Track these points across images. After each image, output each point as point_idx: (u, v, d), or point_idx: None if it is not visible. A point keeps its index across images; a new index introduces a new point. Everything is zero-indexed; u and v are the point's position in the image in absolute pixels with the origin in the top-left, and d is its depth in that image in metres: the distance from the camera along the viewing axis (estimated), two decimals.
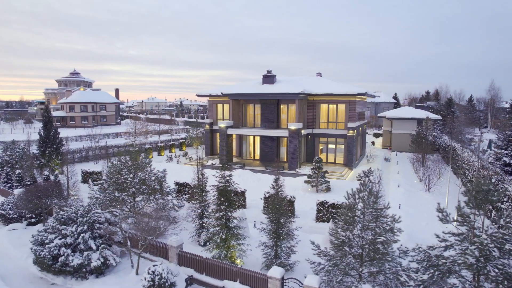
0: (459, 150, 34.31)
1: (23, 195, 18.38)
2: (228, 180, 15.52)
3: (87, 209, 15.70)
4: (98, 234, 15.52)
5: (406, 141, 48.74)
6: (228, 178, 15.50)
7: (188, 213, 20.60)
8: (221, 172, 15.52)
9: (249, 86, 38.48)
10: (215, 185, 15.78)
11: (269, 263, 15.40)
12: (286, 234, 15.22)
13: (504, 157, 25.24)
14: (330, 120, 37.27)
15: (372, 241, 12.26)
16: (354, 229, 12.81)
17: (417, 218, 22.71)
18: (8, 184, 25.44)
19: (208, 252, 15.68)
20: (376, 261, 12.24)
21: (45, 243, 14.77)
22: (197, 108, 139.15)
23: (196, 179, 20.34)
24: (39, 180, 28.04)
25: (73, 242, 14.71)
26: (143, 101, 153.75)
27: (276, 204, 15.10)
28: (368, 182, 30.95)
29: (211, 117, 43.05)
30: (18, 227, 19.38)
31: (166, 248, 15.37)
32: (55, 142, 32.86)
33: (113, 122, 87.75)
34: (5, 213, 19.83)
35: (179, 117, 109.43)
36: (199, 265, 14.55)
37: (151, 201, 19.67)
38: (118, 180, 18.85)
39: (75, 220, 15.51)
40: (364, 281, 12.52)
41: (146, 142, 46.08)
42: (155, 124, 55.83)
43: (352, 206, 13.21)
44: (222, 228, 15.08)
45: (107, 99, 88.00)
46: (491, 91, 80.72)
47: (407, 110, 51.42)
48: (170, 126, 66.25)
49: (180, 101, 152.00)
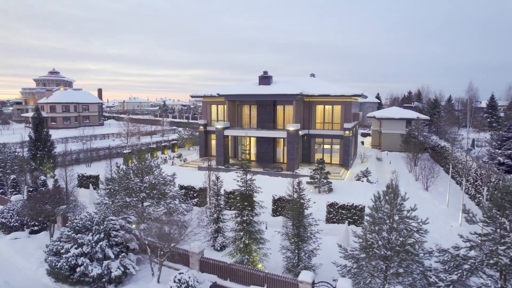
0: (450, 150, 35.42)
1: (28, 202, 17.54)
2: (250, 184, 15.36)
3: (102, 217, 15.15)
4: (115, 242, 15.02)
5: (396, 140, 49.89)
6: (249, 182, 15.34)
7: (199, 217, 20.31)
8: (242, 176, 15.34)
9: (246, 87, 38.31)
10: (237, 189, 15.56)
11: (290, 267, 15.37)
12: (308, 237, 15.21)
13: (499, 157, 26.20)
14: (326, 121, 37.61)
15: (403, 242, 12.43)
16: (383, 231, 12.94)
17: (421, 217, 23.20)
18: (0, 190, 24.23)
19: (230, 257, 15.49)
20: (406, 262, 12.41)
21: (60, 253, 14.15)
22: (180, 108, 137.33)
23: (207, 182, 20.07)
24: None
25: (90, 251, 14.16)
26: (125, 101, 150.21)
27: (299, 207, 15.04)
28: (367, 181, 31.51)
29: (205, 118, 42.57)
30: (21, 236, 18.49)
31: (187, 255, 15.06)
32: (46, 144, 31.59)
33: (97, 123, 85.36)
34: (6, 221, 18.87)
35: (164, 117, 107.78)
36: (222, 271, 14.33)
37: (160, 206, 19.23)
38: (128, 184, 18.31)
39: (90, 228, 14.95)
40: (394, 283, 12.66)
41: (138, 144, 45.03)
42: (140, 124, 54.52)
43: (379, 208, 13.35)
44: (245, 233, 14.92)
45: (90, 99, 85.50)
46: (469, 91, 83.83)
47: (396, 111, 52.61)
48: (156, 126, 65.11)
49: (163, 101, 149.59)
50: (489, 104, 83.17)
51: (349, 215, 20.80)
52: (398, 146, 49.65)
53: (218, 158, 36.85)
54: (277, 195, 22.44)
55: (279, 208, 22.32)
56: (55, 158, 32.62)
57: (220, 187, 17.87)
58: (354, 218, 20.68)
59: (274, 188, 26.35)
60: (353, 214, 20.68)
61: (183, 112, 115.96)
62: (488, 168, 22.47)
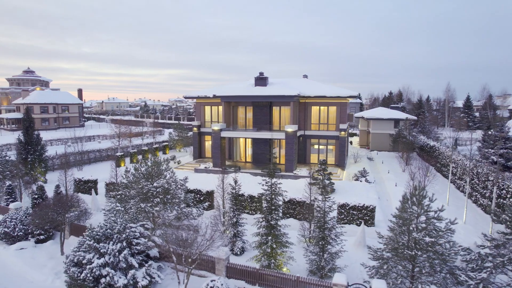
0: (441, 149, 36.67)
1: (39, 210, 16.67)
2: (276, 188, 15.28)
3: (123, 224, 14.62)
4: (137, 251, 14.54)
5: (384, 140, 51.14)
6: (275, 186, 15.25)
7: (213, 221, 19.98)
8: (268, 180, 15.24)
9: (242, 88, 38.10)
10: (262, 193, 15.44)
11: (314, 269, 15.40)
12: (333, 239, 15.29)
13: (492, 156, 27.33)
14: (321, 121, 38.01)
15: (432, 242, 12.71)
16: (413, 232, 13.18)
17: None
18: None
19: (255, 262, 15.34)
20: (438, 261, 12.70)
21: (82, 263, 13.53)
22: (162, 109, 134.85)
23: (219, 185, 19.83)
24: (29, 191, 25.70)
25: (114, 261, 13.63)
26: (103, 101, 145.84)
27: (326, 210, 15.09)
28: (366, 181, 32.09)
29: (199, 119, 42.03)
30: (27, 246, 17.55)
31: (212, 261, 14.78)
32: (37, 148, 30.20)
33: (77, 124, 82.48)
34: (10, 231, 17.86)
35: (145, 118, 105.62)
36: (250, 276, 14.17)
37: (174, 211, 18.79)
38: (142, 190, 17.76)
39: (109, 237, 14.39)
40: (424, 282, 12.93)
41: (130, 146, 43.86)
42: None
43: (406, 209, 13.59)
44: (272, 237, 14.82)
45: (70, 100, 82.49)
46: (447, 92, 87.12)
47: (384, 111, 53.90)
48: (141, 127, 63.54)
49: (144, 101, 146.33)
50: (465, 104, 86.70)
51: (360, 215, 21.10)
52: (386, 146, 50.93)
53: (214, 160, 36.45)
54: (287, 197, 22.43)
55: (290, 210, 22.34)
56: (46, 162, 31.23)
57: (239, 190, 17.66)
58: (365, 218, 21.00)
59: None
60: (364, 214, 21.00)
61: (166, 113, 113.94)
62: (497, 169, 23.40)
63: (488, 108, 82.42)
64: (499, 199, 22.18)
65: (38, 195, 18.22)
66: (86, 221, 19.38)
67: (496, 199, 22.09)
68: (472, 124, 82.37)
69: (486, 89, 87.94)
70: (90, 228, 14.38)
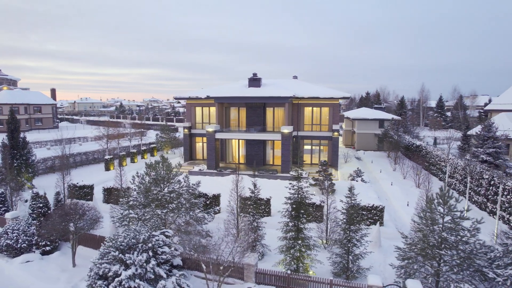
0: (429, 148, 38.07)
1: (45, 220, 15.62)
2: (302, 191, 15.19)
3: (148, 233, 14.00)
4: (163, 260, 13.98)
5: (370, 140, 52.42)
6: (302, 189, 15.16)
7: (226, 227, 19.59)
8: (295, 184, 15.12)
9: (236, 89, 37.72)
10: (288, 197, 15.31)
11: (339, 271, 15.46)
12: (358, 240, 15.42)
13: (482, 155, 28.66)
14: (314, 122, 38.36)
15: (463, 241, 13.09)
16: (442, 231, 13.51)
17: None
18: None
19: (281, 266, 15.19)
20: (468, 260, 13.09)
21: (108, 276, 12.81)
22: (138, 109, 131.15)
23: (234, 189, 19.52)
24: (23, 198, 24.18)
25: (142, 272, 13.01)
26: (75, 102, 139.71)
27: (355, 213, 15.19)
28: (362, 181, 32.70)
29: (189, 121, 41.20)
30: (33, 258, 16.42)
31: (241, 267, 14.46)
32: (23, 152, 28.42)
33: (51, 125, 78.56)
34: (13, 243, 16.64)
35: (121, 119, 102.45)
36: (281, 281, 14.00)
37: (187, 216, 18.25)
38: (157, 195, 17.11)
39: (133, 247, 13.73)
40: (454, 280, 13.29)
41: (118, 148, 42.24)
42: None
43: (433, 210, 13.93)
44: (302, 241, 14.73)
45: (42, 100, 78.41)
46: (422, 92, 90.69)
47: (369, 111, 55.24)
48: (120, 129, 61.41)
49: (120, 102, 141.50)
50: (438, 104, 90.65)
51: (369, 215, 21.44)
52: (372, 145, 52.24)
53: (209, 162, 35.87)
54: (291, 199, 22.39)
55: None
56: (33, 167, 29.46)
57: (258, 194, 17.43)
58: (375, 218, 21.37)
59: (278, 191, 26.09)
60: (374, 214, 21.36)
61: (143, 113, 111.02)
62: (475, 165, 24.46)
63: (459, 108, 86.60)
64: (495, 196, 23.27)
65: (43, 204, 17.07)
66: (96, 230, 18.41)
67: (490, 197, 23.19)
68: (444, 124, 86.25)
69: (457, 90, 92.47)
70: (113, 237, 13.65)
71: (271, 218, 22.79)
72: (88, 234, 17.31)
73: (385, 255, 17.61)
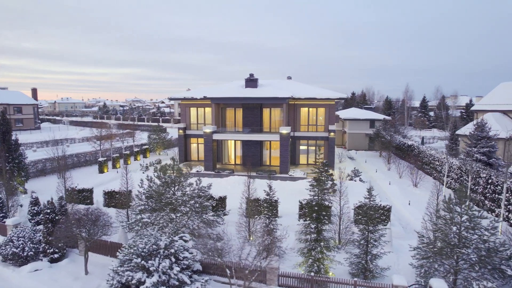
0: (422, 148, 38.99)
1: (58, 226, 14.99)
2: (322, 194, 15.20)
3: (170, 239, 13.66)
4: (185, 266, 13.67)
5: (361, 140, 53.22)
6: (323, 192, 15.18)
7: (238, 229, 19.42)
8: (316, 186, 15.11)
9: (232, 89, 37.47)
10: (307, 199, 15.27)
11: (357, 272, 15.57)
12: (376, 240, 15.56)
13: (475, 154, 29.56)
14: (311, 123, 38.57)
15: (483, 240, 13.42)
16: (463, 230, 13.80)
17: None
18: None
19: (300, 268, 15.16)
20: (488, 258, 13.42)
21: (131, 284, 12.41)
22: (122, 109, 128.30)
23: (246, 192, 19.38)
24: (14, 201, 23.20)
25: (166, 279, 12.68)
26: (56, 102, 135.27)
27: (373, 213, 15.32)
28: (360, 181, 33.13)
29: (184, 122, 40.62)
30: (42, 266, 15.72)
31: (263, 271, 14.32)
32: (15, 155, 27.27)
33: (32, 126, 75.82)
34: (19, 251, 15.88)
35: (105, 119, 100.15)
36: (305, 284, 13.96)
37: (199, 219, 17.96)
38: (171, 199, 16.74)
39: (153, 253, 13.37)
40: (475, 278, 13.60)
41: (111, 149, 41.15)
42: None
43: (452, 210, 14.21)
44: (325, 243, 14.74)
45: (23, 100, 75.58)
46: (406, 93, 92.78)
47: (359, 112, 56.08)
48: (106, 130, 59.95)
49: (104, 102, 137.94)
50: (422, 104, 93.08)
51: (376, 215, 21.66)
52: (363, 145, 53.06)
53: (206, 163, 35.48)
54: (304, 200, 22.46)
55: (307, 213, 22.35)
56: (26, 170, 28.31)
57: (273, 196, 17.32)
58: (382, 218, 21.62)
59: (280, 192, 26.02)
60: (381, 214, 21.61)
61: (127, 113, 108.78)
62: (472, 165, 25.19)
63: (442, 108, 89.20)
64: (493, 194, 24.03)
65: (50, 209, 16.36)
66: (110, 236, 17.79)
67: (488, 195, 23.94)
68: (428, 123, 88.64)
69: (439, 91, 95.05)
70: (133, 244, 13.24)
71: (279, 219, 22.71)
72: (98, 240, 16.74)
73: (398, 255, 17.86)
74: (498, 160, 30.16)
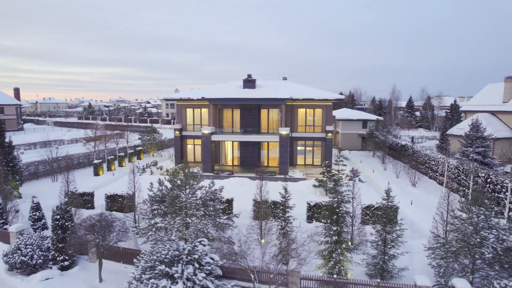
0: (417, 148, 39.74)
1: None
2: (342, 196, 15.22)
3: (193, 245, 13.36)
4: (207, 271, 13.41)
5: (354, 140, 53.82)
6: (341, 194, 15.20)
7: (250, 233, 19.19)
8: (334, 186, 15.10)
9: (230, 90, 37.21)
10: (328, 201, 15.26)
11: (374, 272, 15.67)
12: (393, 241, 15.69)
13: (471, 154, 30.34)
14: (308, 124, 38.71)
15: (502, 239, 13.71)
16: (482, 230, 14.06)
17: (430, 211, 25.63)
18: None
19: (323, 270, 15.12)
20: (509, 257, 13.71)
21: None
22: (107, 110, 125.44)
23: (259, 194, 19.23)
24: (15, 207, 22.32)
25: (192, 286, 12.39)
26: (38, 102, 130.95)
27: (389, 213, 15.44)
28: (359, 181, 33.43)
29: (180, 122, 40.05)
30: (53, 275, 15.09)
31: (287, 274, 14.19)
32: (9, 158, 26.21)
33: (15, 127, 73.16)
34: (27, 259, 15.21)
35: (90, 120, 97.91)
36: (327, 286, 13.92)
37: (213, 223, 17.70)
38: (186, 203, 16.41)
39: (176, 259, 13.06)
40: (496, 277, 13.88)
41: (106, 151, 40.13)
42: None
43: (470, 210, 14.47)
44: (346, 244, 14.76)
45: (4, 100, 72.83)
46: (393, 93, 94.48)
47: (351, 112, 56.70)
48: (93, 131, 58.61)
49: (89, 102, 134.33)
50: (408, 105, 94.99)
51: (384, 215, 21.88)
52: (356, 145, 53.68)
53: (205, 164, 35.09)
54: (312, 201, 22.49)
55: (315, 214, 22.40)
56: (21, 173, 27.25)
57: (289, 199, 17.24)
58: (390, 218, 21.83)
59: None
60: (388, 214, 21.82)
61: (113, 114, 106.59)
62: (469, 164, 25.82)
63: (428, 108, 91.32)
64: (493, 193, 24.67)
65: (60, 215, 15.74)
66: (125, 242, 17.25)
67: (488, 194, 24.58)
68: (414, 123, 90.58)
69: (425, 91, 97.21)
70: (155, 250, 12.88)
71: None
72: (110, 246, 16.24)
73: (410, 254, 18.05)
74: (493, 160, 31.01)
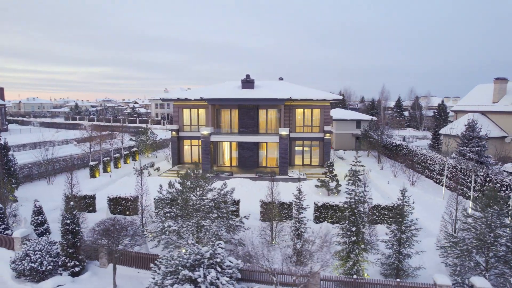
0: (413, 147, 40.34)
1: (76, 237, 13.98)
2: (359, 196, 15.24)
3: (214, 248, 13.14)
4: (229, 275, 13.21)
5: (348, 140, 54.27)
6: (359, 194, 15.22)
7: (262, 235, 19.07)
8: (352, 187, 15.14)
9: (229, 90, 36.96)
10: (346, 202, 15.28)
11: (389, 272, 15.77)
12: (407, 240, 15.83)
13: (468, 153, 30.99)
14: (306, 124, 38.83)
15: None
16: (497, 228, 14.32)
17: (432, 210, 26.04)
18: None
19: (340, 271, 15.13)
20: None
21: None
22: (95, 110, 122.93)
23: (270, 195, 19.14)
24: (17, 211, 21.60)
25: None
26: (21, 102, 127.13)
27: (403, 213, 15.59)
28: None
29: (177, 123, 39.56)
30: (65, 282, 14.60)
31: (309, 275, 14.12)
32: (4, 160, 25.32)
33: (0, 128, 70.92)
34: (37, 266, 14.67)
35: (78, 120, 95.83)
36: (347, 287, 13.92)
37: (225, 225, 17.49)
38: (200, 205, 16.15)
39: (197, 263, 12.81)
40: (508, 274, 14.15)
41: (101, 153, 39.23)
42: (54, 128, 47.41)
43: (484, 209, 14.73)
44: (365, 245, 14.80)
45: None
46: (382, 93, 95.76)
47: (345, 112, 57.19)
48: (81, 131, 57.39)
49: (75, 102, 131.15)
50: (397, 105, 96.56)
51: (390, 215, 22.12)
52: (350, 145, 54.14)
53: (204, 165, 34.74)
54: (319, 202, 22.54)
55: (322, 215, 22.44)
56: (17, 176, 26.35)
57: (303, 200, 17.18)
58: (396, 217, 22.06)
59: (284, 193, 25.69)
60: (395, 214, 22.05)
61: (101, 114, 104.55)
62: (467, 163, 26.36)
63: (416, 108, 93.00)
64: None
65: (70, 220, 15.24)
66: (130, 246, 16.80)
67: None
68: (403, 123, 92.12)
69: (413, 91, 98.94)
70: (179, 255, 12.61)
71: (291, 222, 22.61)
72: (123, 251, 15.84)
73: (421, 253, 18.26)
74: (489, 159, 31.74)
